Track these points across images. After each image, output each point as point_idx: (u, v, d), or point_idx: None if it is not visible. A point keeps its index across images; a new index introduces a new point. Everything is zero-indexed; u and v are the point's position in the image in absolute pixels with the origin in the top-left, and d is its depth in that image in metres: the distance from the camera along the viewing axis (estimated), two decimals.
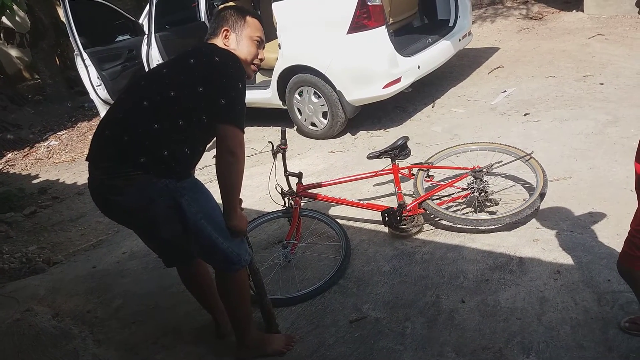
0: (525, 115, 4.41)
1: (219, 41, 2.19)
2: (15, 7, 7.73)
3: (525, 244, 2.78)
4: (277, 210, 3.24)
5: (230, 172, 2.03)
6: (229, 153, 1.99)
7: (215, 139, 2.05)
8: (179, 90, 1.99)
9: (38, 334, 2.75)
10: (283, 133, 3.11)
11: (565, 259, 2.61)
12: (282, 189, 3.15)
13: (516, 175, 3.30)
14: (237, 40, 2.20)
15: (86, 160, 2.10)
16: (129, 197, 1.97)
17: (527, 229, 2.91)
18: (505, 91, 5.03)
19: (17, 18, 9.36)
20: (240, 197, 2.15)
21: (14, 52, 11.33)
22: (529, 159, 3.12)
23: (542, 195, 2.92)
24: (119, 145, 1.97)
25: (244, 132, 2.05)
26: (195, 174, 2.39)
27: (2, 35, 9.45)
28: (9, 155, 7.65)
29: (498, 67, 5.72)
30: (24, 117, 8.86)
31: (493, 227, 2.91)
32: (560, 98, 4.63)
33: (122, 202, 2.00)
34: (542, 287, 2.45)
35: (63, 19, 6.36)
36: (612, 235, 2.68)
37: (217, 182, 2.06)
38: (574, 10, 7.13)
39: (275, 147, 3.08)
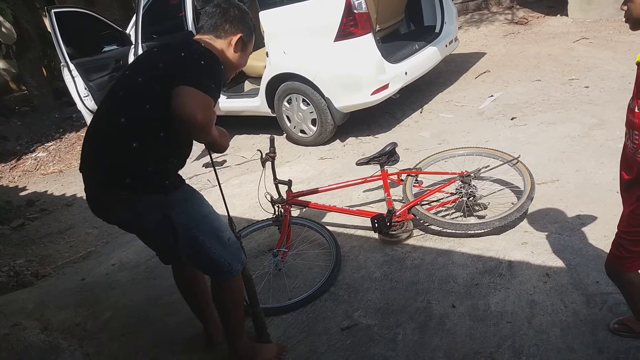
0: (512, 119, 4.45)
1: (221, 44, 2.04)
2: (1, 18, 7.70)
3: (514, 248, 2.79)
4: (267, 219, 3.23)
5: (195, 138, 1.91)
6: (189, 122, 1.72)
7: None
8: (155, 102, 1.89)
9: (26, 348, 2.70)
10: (272, 141, 3.11)
11: (554, 261, 2.62)
12: (271, 197, 3.14)
13: (504, 179, 3.32)
14: (245, 51, 2.12)
15: (79, 171, 2.09)
16: (120, 214, 2.04)
17: (515, 232, 2.93)
18: (492, 96, 5.07)
19: (3, 29, 9.27)
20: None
21: (0, 64, 11.24)
22: (516, 163, 3.15)
23: (530, 199, 2.94)
24: (103, 168, 1.98)
25: (210, 97, 1.79)
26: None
27: None
28: None
29: (485, 72, 5.77)
30: (10, 129, 8.79)
31: (482, 231, 2.92)
32: (546, 102, 4.68)
33: (113, 218, 2.08)
34: (532, 290, 2.47)
35: (49, 29, 6.32)
36: (600, 237, 2.70)
37: (207, 191, 2.06)
38: (559, 15, 7.22)
39: (264, 155, 3.08)
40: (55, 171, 6.94)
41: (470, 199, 3.05)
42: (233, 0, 2.16)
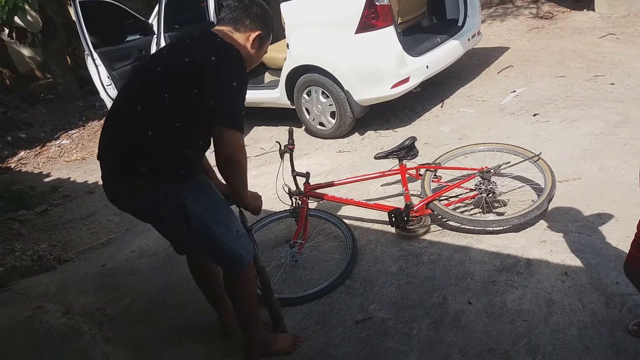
0: (534, 115, 4.39)
1: (239, 37, 2.07)
2: (26, 7, 7.82)
3: (533, 246, 2.77)
4: (285, 210, 3.25)
5: (234, 177, 2.01)
6: (228, 160, 1.93)
7: None
8: (173, 93, 1.93)
9: (48, 331, 2.78)
10: (290, 133, 3.11)
11: (573, 260, 2.59)
12: (289, 189, 3.16)
13: (524, 176, 3.28)
14: (261, 48, 2.16)
15: (97, 159, 2.13)
16: (136, 203, 2.07)
17: (535, 230, 2.90)
18: (514, 91, 5.01)
19: (29, 17, 9.44)
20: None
21: (26, 52, 11.44)
22: (537, 160, 3.11)
23: (550, 197, 2.90)
24: (119, 155, 2.01)
25: (242, 131, 1.96)
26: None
27: (14, 34, 9.56)
28: (21, 153, 7.74)
29: (507, 67, 5.69)
30: (35, 116, 8.95)
31: (501, 228, 2.90)
32: (570, 98, 4.60)
33: (129, 206, 2.12)
34: (550, 289, 2.44)
35: (74, 18, 6.42)
36: (621, 237, 2.66)
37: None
38: (585, 10, 7.07)
39: (282, 147, 3.09)
40: (78, 158, 7.06)
41: (490, 195, 3.02)
42: None
